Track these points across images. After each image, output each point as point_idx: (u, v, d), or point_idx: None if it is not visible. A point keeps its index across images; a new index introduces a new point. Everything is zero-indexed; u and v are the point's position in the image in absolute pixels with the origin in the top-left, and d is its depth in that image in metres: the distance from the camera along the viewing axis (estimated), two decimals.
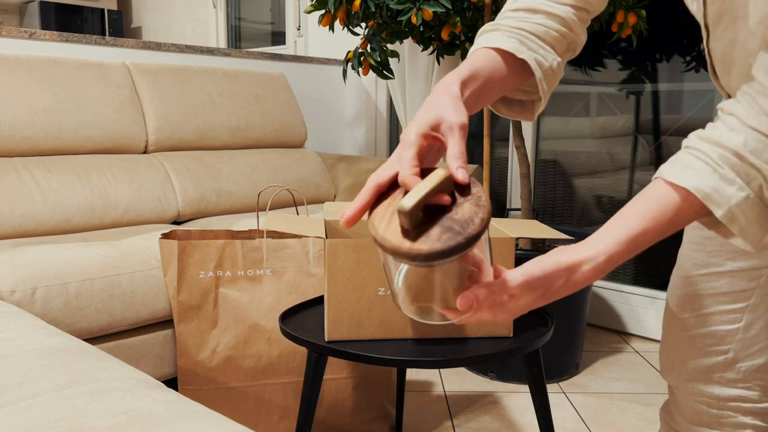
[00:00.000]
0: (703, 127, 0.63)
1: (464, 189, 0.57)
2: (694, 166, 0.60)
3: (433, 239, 0.53)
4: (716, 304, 0.87)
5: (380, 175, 0.59)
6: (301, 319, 1.23)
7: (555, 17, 0.75)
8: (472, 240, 0.53)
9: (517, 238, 2.07)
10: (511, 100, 0.84)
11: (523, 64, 0.75)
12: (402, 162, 0.59)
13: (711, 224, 0.64)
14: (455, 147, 0.60)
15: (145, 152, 2.29)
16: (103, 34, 5.25)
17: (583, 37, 0.79)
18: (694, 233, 0.89)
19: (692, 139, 0.62)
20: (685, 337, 0.90)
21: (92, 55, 2.38)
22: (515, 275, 0.60)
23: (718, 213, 0.59)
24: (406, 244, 0.53)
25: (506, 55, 0.73)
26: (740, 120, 0.60)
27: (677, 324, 0.91)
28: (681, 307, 0.90)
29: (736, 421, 0.88)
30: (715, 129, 0.61)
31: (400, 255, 0.53)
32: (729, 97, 0.75)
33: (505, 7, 0.79)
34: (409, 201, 0.52)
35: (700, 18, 0.72)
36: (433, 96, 0.66)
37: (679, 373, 0.92)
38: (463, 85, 0.69)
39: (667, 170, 0.62)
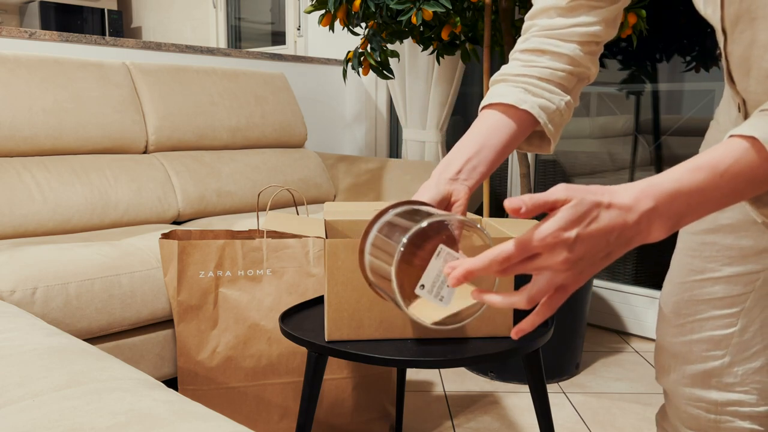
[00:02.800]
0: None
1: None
2: (764, 122, 0.56)
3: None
4: (711, 309, 0.87)
5: None
6: (301, 319, 1.23)
7: (561, 56, 0.79)
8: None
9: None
10: (530, 134, 0.85)
11: (528, 113, 0.78)
12: None
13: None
14: None
15: (145, 152, 2.29)
16: (103, 34, 5.25)
17: (594, 69, 0.82)
18: (691, 239, 0.89)
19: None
20: (681, 342, 0.90)
21: (92, 55, 2.38)
22: (557, 187, 0.56)
23: None
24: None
25: (511, 109, 0.78)
26: None
27: (672, 330, 0.91)
28: (676, 313, 0.90)
29: (734, 426, 0.88)
30: None
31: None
32: (744, 102, 0.74)
33: (516, 47, 0.82)
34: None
35: (716, 22, 0.71)
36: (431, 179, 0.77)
37: (675, 379, 0.92)
38: (446, 167, 0.76)
39: (735, 130, 0.58)
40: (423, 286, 0.60)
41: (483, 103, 0.81)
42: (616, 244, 0.56)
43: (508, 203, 0.54)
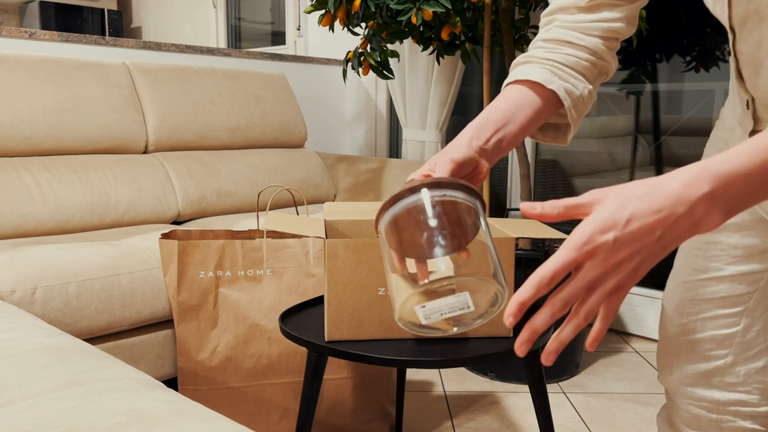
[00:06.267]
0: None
1: None
2: None
3: None
4: (715, 308, 0.87)
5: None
6: (301, 319, 1.23)
7: (584, 48, 0.77)
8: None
9: (517, 238, 2.07)
10: (545, 124, 0.84)
11: (554, 93, 0.76)
12: None
13: None
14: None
15: (145, 152, 2.29)
16: (103, 34, 5.25)
17: (614, 64, 0.81)
18: (695, 237, 0.88)
19: None
20: (684, 341, 0.90)
21: (92, 55, 2.38)
22: (571, 237, 0.52)
23: None
24: None
25: (538, 87, 0.76)
26: None
27: (675, 329, 0.91)
28: (679, 312, 0.90)
29: (736, 426, 0.88)
30: None
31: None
32: (753, 100, 0.74)
33: (537, 37, 0.81)
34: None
35: (724, 20, 0.71)
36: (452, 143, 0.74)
37: (677, 378, 0.92)
38: (479, 130, 0.73)
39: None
40: (424, 306, 0.59)
41: (508, 80, 0.78)
42: (668, 239, 0.52)
43: (528, 207, 0.52)
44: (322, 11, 2.85)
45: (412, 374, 2.07)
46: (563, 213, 0.53)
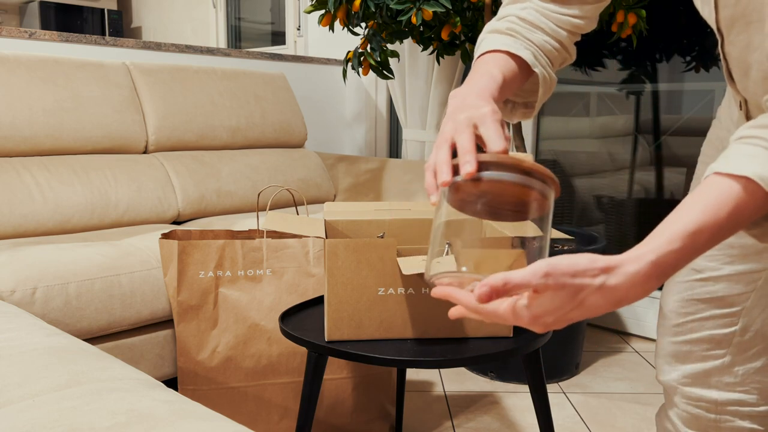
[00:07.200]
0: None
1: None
2: (752, 153, 0.53)
3: None
4: (712, 308, 0.87)
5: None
6: (301, 319, 1.23)
7: (555, 39, 0.80)
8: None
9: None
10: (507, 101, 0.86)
11: (528, 72, 0.78)
12: (438, 162, 0.63)
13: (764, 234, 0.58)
14: (465, 142, 0.63)
15: (145, 152, 2.29)
16: (103, 34, 5.25)
17: (574, 55, 0.84)
18: None
19: (744, 130, 0.56)
20: (682, 341, 0.90)
21: (92, 55, 2.38)
22: (540, 264, 0.53)
23: None
24: None
25: (520, 62, 0.77)
26: None
27: (673, 329, 0.91)
28: (676, 312, 0.90)
29: (735, 425, 0.88)
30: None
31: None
32: (745, 101, 0.74)
33: (512, 10, 0.81)
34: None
35: (712, 23, 0.71)
36: (468, 96, 0.69)
37: (676, 378, 0.92)
38: (500, 87, 0.73)
39: (720, 164, 0.55)
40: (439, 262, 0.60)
41: (490, 46, 0.78)
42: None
43: (481, 294, 0.53)
44: (322, 11, 2.85)
45: (412, 374, 2.07)
46: (491, 296, 0.55)
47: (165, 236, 1.55)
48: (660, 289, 2.42)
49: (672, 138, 2.39)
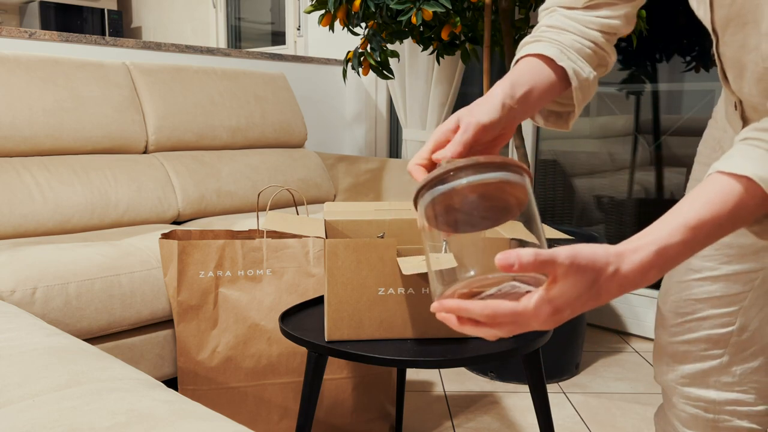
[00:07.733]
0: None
1: None
2: (753, 156, 0.55)
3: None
4: (710, 308, 0.87)
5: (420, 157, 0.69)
6: (301, 319, 1.23)
7: (586, 38, 0.77)
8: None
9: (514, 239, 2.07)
10: (546, 111, 0.84)
11: (561, 74, 0.75)
12: (418, 153, 0.68)
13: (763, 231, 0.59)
14: (451, 145, 0.67)
15: (145, 152, 2.29)
16: (103, 34, 5.25)
17: (613, 56, 0.81)
18: None
19: (748, 132, 0.58)
20: (679, 341, 0.90)
21: (92, 55, 2.38)
22: (563, 249, 0.53)
23: None
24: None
25: (551, 62, 0.75)
26: None
27: (670, 329, 0.91)
28: (674, 312, 0.90)
29: (732, 425, 0.88)
30: None
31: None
32: (741, 102, 0.74)
33: (541, 23, 0.80)
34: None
35: (707, 23, 0.71)
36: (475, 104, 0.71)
37: (674, 378, 0.92)
38: (512, 88, 0.71)
39: (723, 164, 0.56)
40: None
41: (520, 54, 0.77)
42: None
43: (503, 258, 0.52)
44: (322, 11, 2.85)
45: (412, 374, 2.07)
46: (526, 268, 0.53)
47: (165, 236, 1.55)
48: (658, 289, 2.42)
49: (672, 138, 2.39)
